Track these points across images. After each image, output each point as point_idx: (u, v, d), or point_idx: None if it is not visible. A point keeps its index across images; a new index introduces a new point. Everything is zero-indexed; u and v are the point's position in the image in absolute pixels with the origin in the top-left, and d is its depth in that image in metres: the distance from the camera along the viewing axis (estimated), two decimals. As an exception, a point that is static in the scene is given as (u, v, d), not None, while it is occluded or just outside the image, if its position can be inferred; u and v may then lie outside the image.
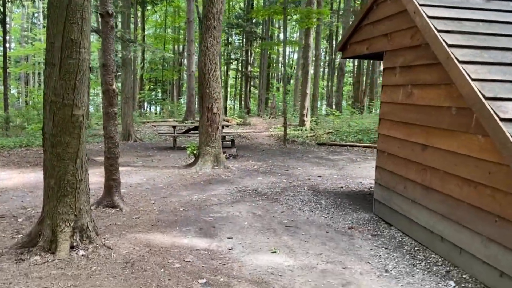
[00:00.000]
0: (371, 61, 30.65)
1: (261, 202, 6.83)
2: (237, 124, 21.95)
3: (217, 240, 5.03)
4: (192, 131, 14.23)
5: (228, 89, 39.61)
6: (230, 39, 34.69)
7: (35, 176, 8.69)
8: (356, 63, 31.31)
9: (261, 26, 32.25)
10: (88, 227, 4.45)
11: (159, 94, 40.10)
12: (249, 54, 32.67)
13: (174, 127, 13.95)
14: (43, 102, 4.26)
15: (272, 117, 25.74)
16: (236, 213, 6.20)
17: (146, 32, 36.22)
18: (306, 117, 19.80)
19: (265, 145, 15.30)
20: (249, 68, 32.54)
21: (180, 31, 36.71)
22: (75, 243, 4.29)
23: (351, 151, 14.22)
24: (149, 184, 8.10)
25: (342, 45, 7.03)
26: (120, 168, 8.23)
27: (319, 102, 29.96)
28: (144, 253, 4.46)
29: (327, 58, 37.85)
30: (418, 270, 4.28)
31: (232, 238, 5.12)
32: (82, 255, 4.20)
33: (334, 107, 26.32)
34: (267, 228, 5.51)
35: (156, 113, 35.99)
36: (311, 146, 15.52)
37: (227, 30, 31.05)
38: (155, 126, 18.49)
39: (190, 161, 10.65)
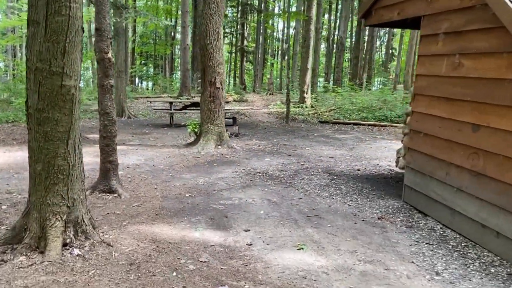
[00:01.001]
0: (371, 36, 29.77)
1: (274, 187, 6.16)
2: (234, 101, 21.11)
3: (232, 233, 4.35)
4: (189, 108, 13.43)
5: (223, 64, 38.47)
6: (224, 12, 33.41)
7: (22, 156, 7.91)
8: (353, 39, 30.38)
9: (257, -2, 31.09)
10: (83, 220, 3.74)
11: (151, 69, 38.93)
12: (245, 28, 31.50)
13: (170, 103, 13.13)
14: (26, 70, 3.49)
15: (270, 94, 24.90)
16: (249, 200, 5.52)
17: (137, 4, 34.84)
18: (306, 93, 19.01)
19: (266, 123, 14.58)
20: (244, 42, 31.41)
21: (173, 3, 35.36)
22: (68, 240, 3.59)
23: (357, 129, 13.56)
24: (148, 165, 7.37)
25: (365, 11, 6.25)
26: None
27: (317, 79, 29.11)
28: (151, 251, 3.77)
29: (325, 33, 36.78)
30: (473, 272, 3.65)
31: (249, 230, 4.45)
32: (78, 255, 3.50)
33: (332, 83, 25.54)
34: (286, 219, 4.85)
35: (147, 89, 34.95)
36: (313, 124, 14.84)
37: (222, 3, 29.77)
38: (150, 102, 17.64)
39: (191, 139, 9.92)
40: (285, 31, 39.73)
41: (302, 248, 4.02)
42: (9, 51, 38.28)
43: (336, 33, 33.97)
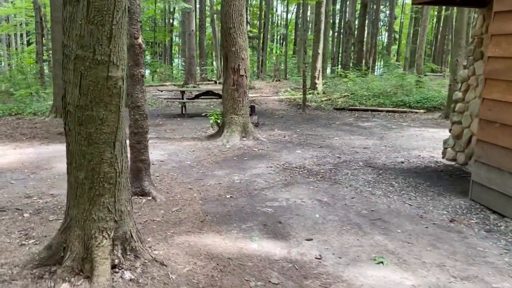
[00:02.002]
0: (376, 19, 29.00)
1: (319, 185, 5.60)
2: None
3: (294, 244, 3.80)
4: (202, 97, 12.79)
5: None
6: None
7: (35, 152, 7.32)
8: (357, 23, 29.57)
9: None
10: (132, 236, 3.18)
11: (147, 57, 38.01)
12: (248, 13, 30.66)
13: (182, 92, 12.49)
14: (63, 58, 2.89)
15: (276, 80, 24.23)
16: (297, 200, 4.97)
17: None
18: (318, 79, 18.38)
19: (281, 111, 13.99)
20: (248, 27, 30.59)
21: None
22: (116, 261, 3.02)
23: (377, 116, 13.00)
24: (173, 161, 6.79)
25: (417, -11, 5.63)
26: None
27: (326, 64, 28.36)
28: (212, 271, 3.21)
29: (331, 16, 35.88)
30: None
31: (311, 239, 3.90)
32: (130, 280, 2.93)
33: (340, 69, 24.84)
34: (347, 223, 4.30)
35: (145, 77, 34.06)
36: (329, 111, 14.28)
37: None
38: (161, 91, 16.90)
39: (210, 131, 9.34)
40: (283, 16, 38.85)
41: (382, 262, 3.48)
42: (3, 40, 37.32)
43: (338, 17, 33.17)
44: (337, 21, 32.70)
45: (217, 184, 5.59)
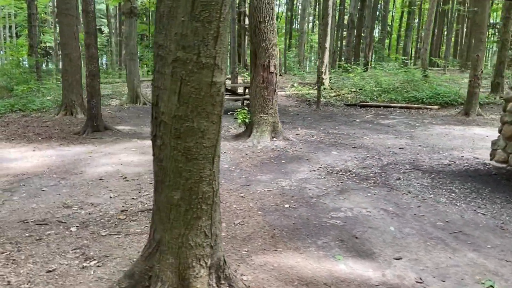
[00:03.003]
0: (374, 13, 28.71)
1: (375, 191, 5.26)
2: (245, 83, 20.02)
3: (384, 264, 3.45)
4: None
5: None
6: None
7: (57, 155, 6.87)
8: (356, 18, 29.20)
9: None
10: (225, 262, 2.79)
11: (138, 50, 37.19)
12: (246, 6, 30.07)
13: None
14: (155, 59, 2.49)
15: (278, 75, 23.85)
16: (361, 210, 4.61)
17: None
18: (325, 74, 18.02)
19: (294, 108, 13.65)
20: (246, 21, 29.99)
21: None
22: (213, 292, 2.64)
23: (394, 113, 12.73)
24: (209, 164, 6.40)
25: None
26: (148, 141, 6.84)
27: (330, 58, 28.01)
28: (315, 301, 2.85)
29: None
30: None
31: (401, 258, 3.55)
32: (234, 316, 2.56)
33: (343, 62, 24.51)
34: (429, 237, 3.96)
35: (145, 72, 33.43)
36: (341, 108, 13.99)
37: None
38: None
39: (233, 130, 8.95)
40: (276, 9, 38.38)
41: (492, 286, 3.14)
42: (-8, 32, 36.31)
43: (349, 10, 32.80)
44: (336, 14, 32.32)
45: (267, 191, 5.21)
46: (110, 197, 4.95)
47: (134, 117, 11.21)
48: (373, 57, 35.10)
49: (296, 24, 41.53)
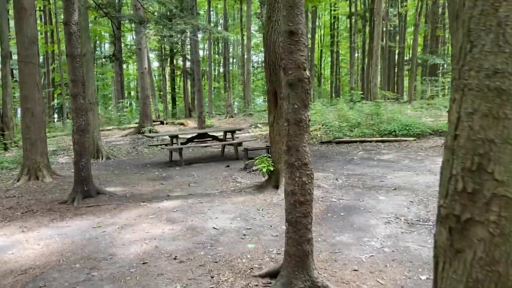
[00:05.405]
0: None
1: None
2: (208, 127, 18.93)
3: None
4: (196, 141, 11.19)
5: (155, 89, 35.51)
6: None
7: (58, 234, 5.37)
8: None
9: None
10: None
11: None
12: (186, 49, 29.32)
13: (174, 137, 10.79)
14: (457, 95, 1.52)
15: (230, 116, 23.05)
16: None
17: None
18: (287, 113, 17.49)
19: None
20: (187, 64, 29.16)
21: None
22: None
23: (380, 148, 12.38)
24: (261, 228, 5.28)
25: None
26: (160, 203, 5.67)
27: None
28: None
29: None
30: None
31: None
32: None
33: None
34: None
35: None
36: (317, 145, 13.58)
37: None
38: (154, 138, 14.79)
39: (247, 180, 7.88)
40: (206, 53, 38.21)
41: None
42: None
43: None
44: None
45: (369, 257, 4.22)
46: (183, 290, 3.68)
47: (110, 175, 9.68)
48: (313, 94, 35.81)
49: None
